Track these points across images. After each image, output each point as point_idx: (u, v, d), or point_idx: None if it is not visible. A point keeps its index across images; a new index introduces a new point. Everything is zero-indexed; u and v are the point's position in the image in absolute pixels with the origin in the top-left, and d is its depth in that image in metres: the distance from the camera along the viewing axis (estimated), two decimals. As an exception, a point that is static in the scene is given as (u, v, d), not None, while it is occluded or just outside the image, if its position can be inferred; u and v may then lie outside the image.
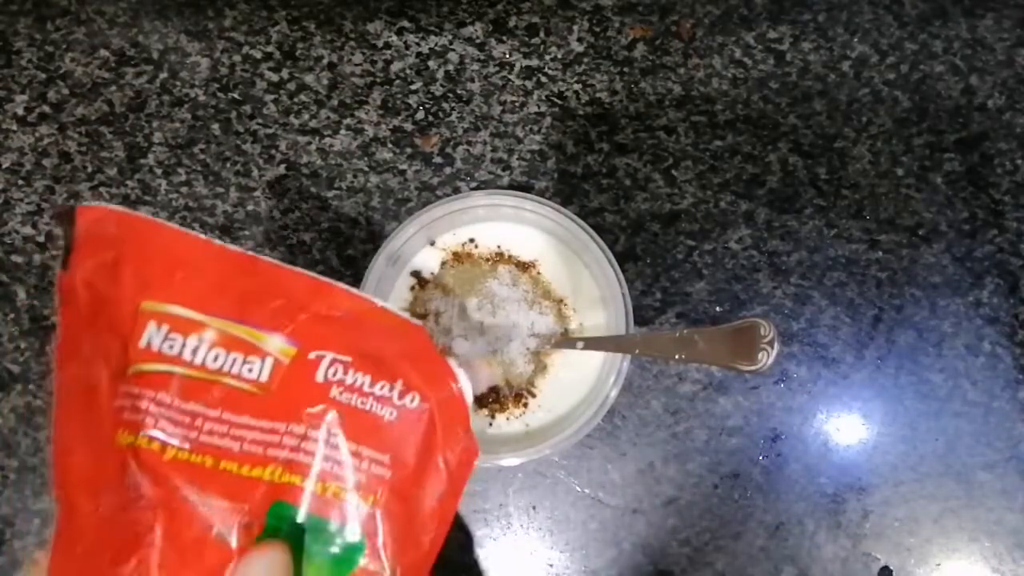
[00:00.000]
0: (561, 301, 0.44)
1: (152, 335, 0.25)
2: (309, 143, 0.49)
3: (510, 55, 0.51)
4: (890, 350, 0.46)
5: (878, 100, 0.50)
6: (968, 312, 0.47)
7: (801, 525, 0.44)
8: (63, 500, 0.24)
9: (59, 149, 0.49)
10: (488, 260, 0.44)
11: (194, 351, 0.26)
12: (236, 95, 0.50)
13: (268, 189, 0.49)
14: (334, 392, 0.27)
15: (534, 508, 0.44)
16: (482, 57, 0.51)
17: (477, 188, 0.49)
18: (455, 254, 0.45)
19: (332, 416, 0.27)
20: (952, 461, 0.45)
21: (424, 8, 0.51)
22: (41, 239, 0.48)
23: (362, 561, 0.27)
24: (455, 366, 0.30)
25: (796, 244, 0.48)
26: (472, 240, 0.45)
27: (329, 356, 0.28)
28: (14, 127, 0.50)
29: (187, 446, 0.26)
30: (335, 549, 0.27)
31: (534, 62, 0.51)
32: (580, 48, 0.51)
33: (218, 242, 0.26)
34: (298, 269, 0.27)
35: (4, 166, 0.49)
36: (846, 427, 0.45)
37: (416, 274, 0.44)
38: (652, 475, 0.45)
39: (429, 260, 0.45)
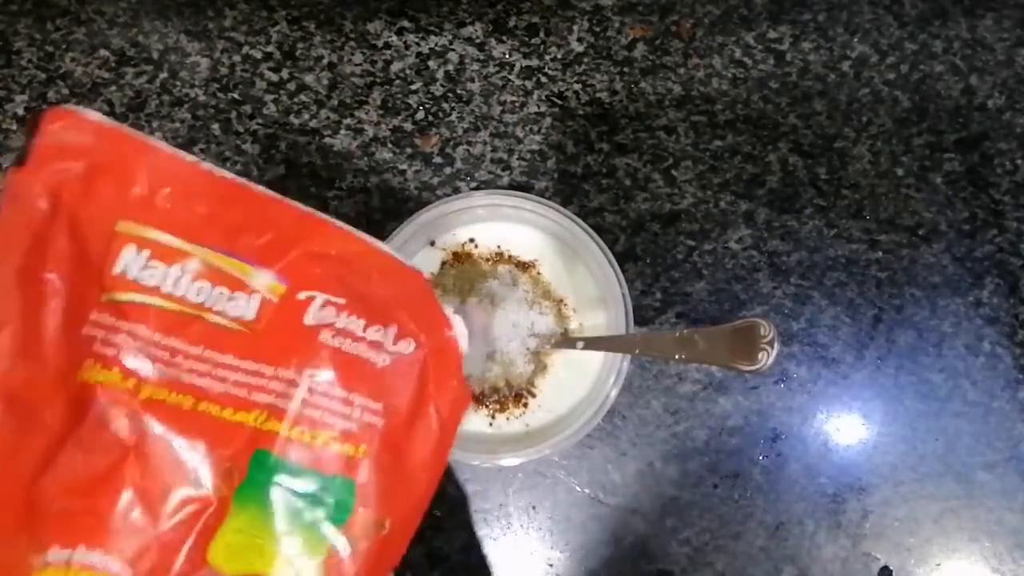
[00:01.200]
0: (561, 301, 0.44)
1: (129, 261, 0.23)
2: (309, 143, 0.49)
3: (510, 55, 0.51)
4: (890, 350, 0.46)
5: (878, 100, 0.50)
6: (968, 312, 0.47)
7: (801, 525, 0.44)
8: None
9: (59, 149, 0.49)
10: (488, 260, 0.44)
11: (176, 282, 0.24)
12: (236, 95, 0.50)
13: (268, 189, 0.49)
14: (324, 336, 0.26)
15: (534, 508, 0.44)
16: (482, 57, 0.51)
17: (477, 188, 0.48)
18: (455, 254, 0.45)
19: (322, 361, 0.26)
20: (952, 461, 0.45)
21: (424, 8, 0.51)
22: (41, 239, 0.48)
23: (352, 513, 0.26)
24: (450, 313, 0.28)
25: (796, 244, 0.48)
26: (472, 240, 0.45)
27: (320, 297, 0.26)
28: (14, 127, 0.50)
29: (165, 385, 0.24)
30: (323, 500, 0.26)
31: (534, 62, 0.51)
32: (580, 48, 0.51)
33: (207, 165, 0.24)
34: (292, 202, 0.26)
35: (4, 166, 0.49)
36: (846, 427, 0.45)
37: (416, 274, 0.44)
38: (652, 475, 0.45)
39: (429, 260, 0.45)
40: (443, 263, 0.44)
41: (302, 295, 0.26)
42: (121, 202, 0.23)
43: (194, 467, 0.24)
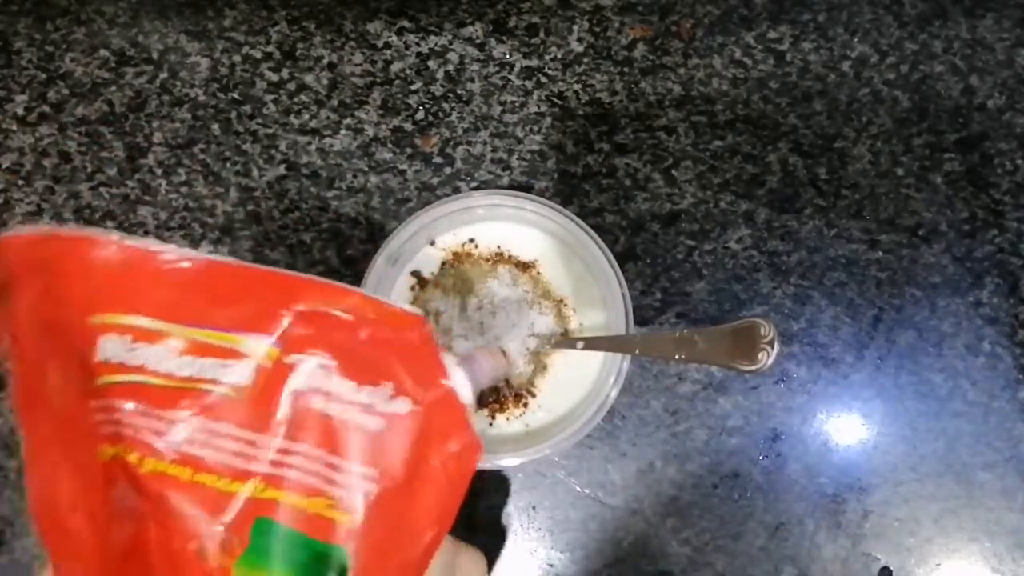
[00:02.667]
0: (561, 301, 0.44)
1: (111, 347, 0.25)
2: (309, 143, 0.49)
3: (510, 55, 0.51)
4: (890, 350, 0.46)
5: (878, 100, 0.50)
6: (968, 312, 0.47)
7: (801, 525, 0.44)
8: (54, 530, 0.23)
9: (59, 149, 0.49)
10: (488, 260, 0.44)
11: (159, 360, 0.25)
12: (236, 95, 0.50)
13: (268, 189, 0.49)
14: (315, 402, 0.26)
15: (534, 508, 0.44)
16: (482, 57, 0.51)
17: (477, 188, 0.49)
18: (455, 254, 0.45)
19: (313, 428, 0.26)
20: (952, 461, 0.45)
21: (424, 8, 0.51)
22: (41, 239, 0.48)
23: None
24: (451, 363, 0.28)
25: (796, 244, 0.48)
26: (472, 240, 0.45)
27: (310, 360, 0.26)
28: (14, 127, 0.50)
29: (166, 457, 0.25)
30: (321, 568, 0.26)
31: (534, 62, 0.51)
32: (580, 48, 0.51)
33: (155, 246, 0.25)
34: (272, 269, 0.26)
35: (4, 166, 0.49)
36: (846, 427, 0.45)
37: (416, 274, 0.44)
38: (652, 475, 0.45)
39: (429, 260, 0.45)
40: (443, 263, 0.44)
41: (291, 359, 0.26)
42: (87, 299, 0.25)
43: (198, 537, 0.25)
